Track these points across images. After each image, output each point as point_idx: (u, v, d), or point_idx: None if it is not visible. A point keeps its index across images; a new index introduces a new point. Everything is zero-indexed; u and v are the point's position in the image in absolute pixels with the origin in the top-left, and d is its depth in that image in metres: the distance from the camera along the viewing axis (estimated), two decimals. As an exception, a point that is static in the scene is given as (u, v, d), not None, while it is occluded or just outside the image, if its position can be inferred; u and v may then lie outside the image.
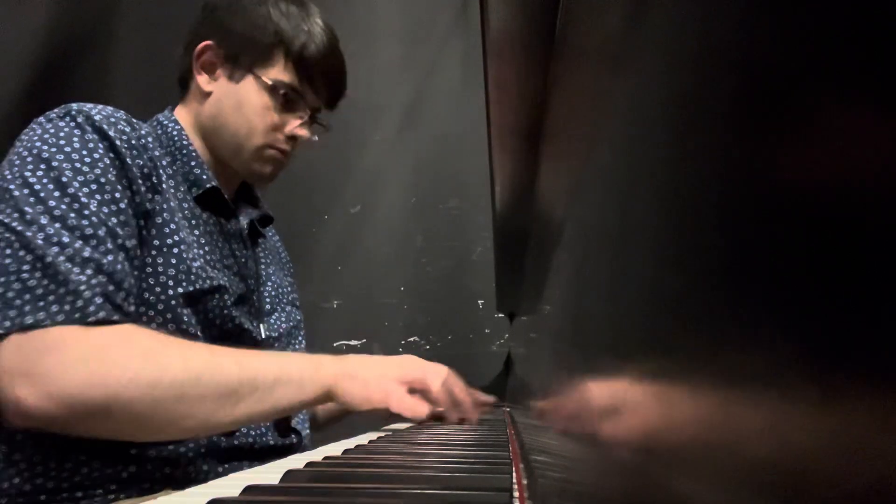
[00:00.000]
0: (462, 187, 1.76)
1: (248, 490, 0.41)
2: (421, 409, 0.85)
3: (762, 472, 0.10)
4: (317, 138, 1.02)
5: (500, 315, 1.66)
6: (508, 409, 1.21)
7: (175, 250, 0.81)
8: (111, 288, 0.73)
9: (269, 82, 0.93)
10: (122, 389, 0.69)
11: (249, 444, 0.87)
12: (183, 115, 0.95)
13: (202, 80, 0.93)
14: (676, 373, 0.15)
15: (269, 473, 0.51)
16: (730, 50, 0.13)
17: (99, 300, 0.71)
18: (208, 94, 0.94)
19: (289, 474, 0.46)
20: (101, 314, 0.71)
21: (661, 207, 0.17)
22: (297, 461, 0.57)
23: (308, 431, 1.01)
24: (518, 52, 0.52)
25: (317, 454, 0.63)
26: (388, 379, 0.85)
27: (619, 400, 0.21)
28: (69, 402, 0.68)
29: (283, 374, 0.79)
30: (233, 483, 0.47)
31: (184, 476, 0.79)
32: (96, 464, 0.75)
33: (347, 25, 1.02)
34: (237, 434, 0.86)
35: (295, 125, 0.96)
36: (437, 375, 0.89)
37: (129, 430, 0.73)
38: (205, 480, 0.79)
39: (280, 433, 0.93)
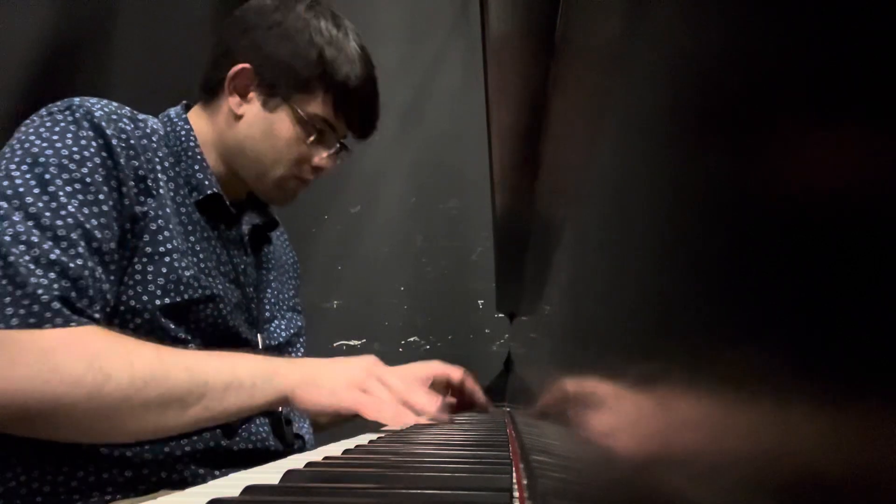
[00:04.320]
0: (462, 187, 1.76)
1: (248, 490, 0.41)
2: (394, 415, 0.82)
3: (761, 472, 0.10)
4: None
5: (500, 315, 1.66)
6: (508, 409, 1.21)
7: (167, 259, 0.80)
8: (73, 294, 0.71)
9: (305, 116, 0.90)
10: (63, 394, 0.68)
11: (248, 449, 0.86)
12: (201, 123, 0.92)
13: (233, 101, 0.90)
14: (676, 373, 0.15)
15: (269, 473, 0.51)
16: (729, 50, 0.13)
17: (56, 305, 0.69)
18: (238, 117, 0.91)
19: (289, 474, 0.46)
20: (58, 319, 0.69)
21: (660, 208, 0.17)
22: (297, 461, 0.57)
23: (311, 434, 1.01)
24: (518, 53, 0.52)
25: (317, 454, 0.63)
26: (353, 388, 0.82)
27: (619, 400, 0.21)
28: (7, 402, 0.66)
29: (234, 379, 0.77)
30: (233, 483, 0.47)
31: (180, 480, 0.79)
32: (92, 468, 0.75)
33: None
34: (236, 439, 0.85)
35: (322, 157, 0.93)
36: (380, 388, 0.84)
37: (71, 433, 0.72)
38: (202, 484, 0.78)
39: (283, 442, 0.92)
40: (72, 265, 0.71)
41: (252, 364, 0.80)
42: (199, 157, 0.88)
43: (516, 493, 0.44)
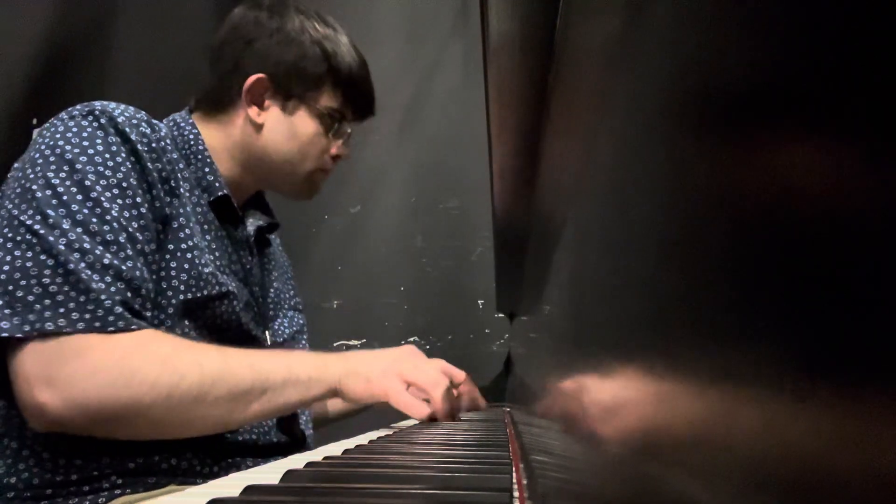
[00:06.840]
0: (462, 187, 1.76)
1: (248, 490, 0.41)
2: (420, 409, 0.88)
3: (762, 471, 0.10)
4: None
5: (500, 315, 1.66)
6: (508, 409, 1.21)
7: (189, 255, 0.82)
8: (129, 295, 0.74)
9: (323, 110, 0.96)
10: (142, 396, 0.71)
11: (253, 441, 0.88)
12: (208, 132, 0.94)
13: (252, 112, 0.94)
14: (676, 372, 0.15)
15: (269, 473, 0.51)
16: (729, 51, 0.13)
17: (119, 309, 0.72)
18: (259, 126, 0.94)
19: (289, 474, 0.46)
20: (121, 323, 0.72)
21: (660, 207, 0.17)
22: (297, 461, 0.57)
23: (311, 431, 1.02)
24: (518, 53, 0.52)
25: (317, 454, 0.63)
26: (389, 375, 0.88)
27: (619, 399, 0.21)
28: (91, 408, 0.70)
29: (291, 374, 0.82)
30: (233, 483, 0.47)
31: (188, 468, 0.80)
32: (105, 459, 0.76)
33: (347, 25, 1.02)
34: (241, 430, 0.86)
35: (339, 145, 1.00)
36: (436, 386, 0.90)
37: (148, 432, 0.75)
38: (209, 473, 0.80)
39: (289, 436, 0.94)
40: (124, 268, 0.74)
41: (305, 360, 0.86)
42: (208, 159, 0.91)
43: (516, 493, 0.44)
